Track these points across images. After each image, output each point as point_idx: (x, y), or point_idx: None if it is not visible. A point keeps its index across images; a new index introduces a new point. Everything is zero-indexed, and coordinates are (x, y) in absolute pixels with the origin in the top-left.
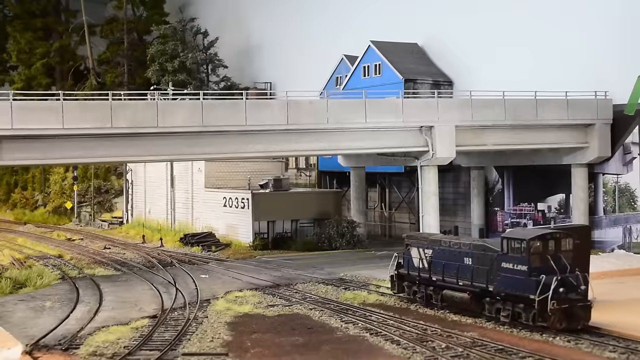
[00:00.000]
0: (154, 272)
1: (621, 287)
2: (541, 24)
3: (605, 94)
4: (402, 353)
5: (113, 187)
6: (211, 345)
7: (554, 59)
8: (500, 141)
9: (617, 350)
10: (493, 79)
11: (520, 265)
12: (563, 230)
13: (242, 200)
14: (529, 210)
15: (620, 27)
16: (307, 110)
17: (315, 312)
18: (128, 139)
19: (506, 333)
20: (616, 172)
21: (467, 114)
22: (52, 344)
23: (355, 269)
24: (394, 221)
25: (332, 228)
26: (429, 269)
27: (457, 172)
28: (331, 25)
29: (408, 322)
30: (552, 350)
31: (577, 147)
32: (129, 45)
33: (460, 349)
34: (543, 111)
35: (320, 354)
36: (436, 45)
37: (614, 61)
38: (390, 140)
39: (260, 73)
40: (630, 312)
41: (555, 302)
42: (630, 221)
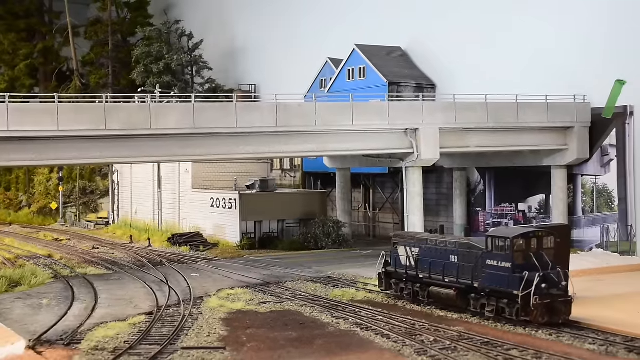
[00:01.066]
0: (145, 271)
1: (599, 285)
2: (523, 30)
3: (583, 98)
4: (393, 346)
5: (98, 188)
6: (208, 340)
7: (535, 64)
8: (482, 143)
9: (596, 343)
10: (475, 82)
11: (504, 263)
12: (545, 229)
13: (230, 201)
14: (510, 211)
15: (598, 33)
16: (296, 113)
17: (306, 308)
18: (122, 141)
19: (491, 327)
20: (594, 174)
21: (450, 117)
22: (54, 339)
23: (342, 267)
24: (378, 221)
25: (318, 228)
26: (415, 266)
27: (439, 174)
28: (315, 28)
29: (396, 318)
30: (535, 343)
31: (557, 149)
32: (113, 46)
33: (448, 342)
34: (524, 114)
35: (314, 348)
36: (419, 49)
37: (592, 66)
38: (377, 142)
39: (244, 75)
40: (608, 307)
41: (538, 298)
42: (607, 221)
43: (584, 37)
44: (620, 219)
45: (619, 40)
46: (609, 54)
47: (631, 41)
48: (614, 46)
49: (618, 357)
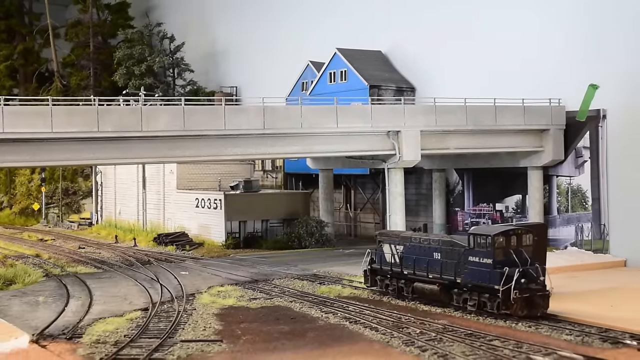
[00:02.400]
0: (134, 269)
1: (574, 281)
2: (500, 35)
3: (558, 102)
4: (381, 338)
5: (80, 189)
6: (205, 334)
7: (512, 69)
8: (462, 145)
9: (572, 334)
10: (453, 85)
11: (485, 259)
12: (523, 227)
13: (215, 201)
14: (488, 210)
15: (573, 40)
16: (282, 116)
17: (296, 304)
18: (114, 142)
19: (473, 320)
20: (569, 174)
21: (431, 120)
22: (56, 334)
23: (327, 265)
24: (359, 221)
25: (301, 228)
26: (400, 263)
27: (419, 175)
28: (296, 31)
29: (383, 312)
30: (516, 334)
31: (533, 151)
32: (94, 48)
33: (433, 334)
34: (502, 117)
35: (307, 340)
36: (398, 53)
37: (567, 71)
38: (360, 144)
39: (226, 77)
40: (582, 302)
41: (518, 292)
42: (581, 220)
43: (559, 44)
44: (593, 218)
45: (593, 47)
46: (583, 59)
47: (604, 47)
48: (587, 52)
49: (593, 347)
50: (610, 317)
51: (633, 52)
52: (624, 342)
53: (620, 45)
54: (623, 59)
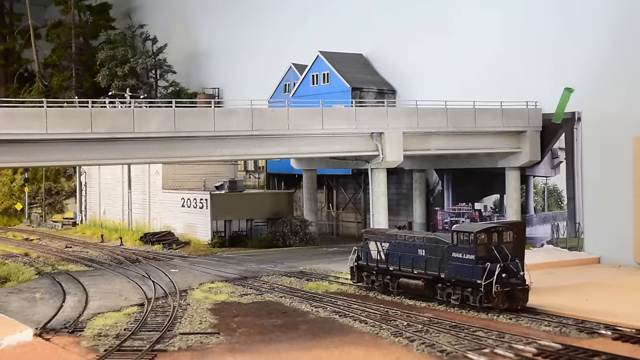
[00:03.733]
0: (124, 267)
1: (551, 277)
2: (479, 40)
3: (535, 104)
4: (371, 330)
5: (63, 189)
6: (201, 327)
7: (490, 72)
8: (442, 146)
9: (551, 325)
10: (433, 88)
11: (468, 255)
12: (504, 225)
13: (201, 201)
14: (467, 210)
15: (549, 45)
16: (270, 118)
17: (286, 299)
18: (107, 144)
19: (456, 314)
20: (545, 175)
21: (413, 122)
22: (59, 328)
23: (312, 263)
24: (341, 220)
25: (286, 226)
26: (386, 260)
27: (400, 175)
28: (278, 34)
29: (371, 306)
30: (497, 326)
31: (511, 152)
32: (76, 49)
33: (420, 325)
34: (481, 119)
35: (300, 332)
36: (379, 56)
37: (543, 75)
38: (345, 145)
39: (208, 78)
40: (559, 296)
41: (499, 286)
42: (557, 219)
43: (536, 48)
44: (569, 217)
45: (568, 51)
46: (558, 64)
47: (579, 52)
48: (563, 57)
49: (570, 337)
50: (586, 309)
51: (606, 56)
52: (599, 332)
53: (594, 50)
54: (597, 63)
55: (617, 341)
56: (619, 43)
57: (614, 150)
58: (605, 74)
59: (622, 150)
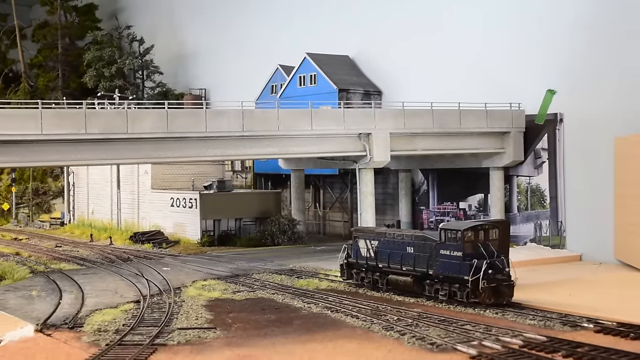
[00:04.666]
0: (116, 266)
1: (534, 274)
2: (463, 42)
3: (519, 106)
4: (362, 324)
5: (50, 189)
6: (198, 322)
7: (475, 74)
8: (428, 147)
9: (535, 319)
10: (418, 89)
11: (456, 252)
12: (490, 223)
13: (190, 200)
14: (452, 209)
15: (533, 48)
16: (260, 119)
17: (278, 296)
18: (101, 144)
19: (444, 309)
20: (528, 174)
21: (400, 123)
22: (59, 324)
23: (301, 261)
24: (327, 219)
25: (274, 226)
26: (375, 257)
27: (385, 175)
28: (265, 35)
29: (361, 302)
30: (484, 320)
31: (495, 152)
32: (62, 50)
33: (410, 320)
34: (466, 120)
35: (294, 327)
36: (366, 58)
37: (526, 77)
38: (333, 145)
39: (194, 79)
40: (543, 292)
41: (485, 282)
42: (540, 218)
43: (520, 51)
44: (551, 215)
45: (551, 54)
46: (541, 66)
47: (561, 55)
48: (546, 59)
49: (554, 330)
50: (569, 304)
51: (587, 59)
52: (582, 325)
53: (575, 53)
54: (578, 66)
55: (599, 334)
56: (597, 46)
57: (595, 150)
58: (586, 76)
59: (603, 150)
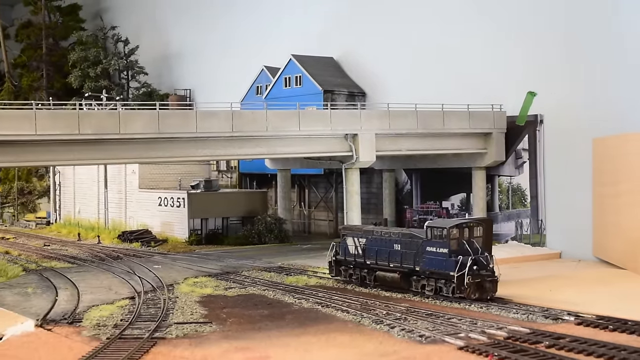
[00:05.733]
0: (107, 264)
1: (516, 271)
2: (446, 45)
3: (500, 107)
4: (353, 318)
5: (36, 189)
6: (193, 317)
7: (458, 76)
8: (412, 147)
9: (519, 313)
10: (402, 91)
11: (442, 249)
12: (475, 221)
13: (178, 200)
14: (435, 208)
15: (514, 51)
16: (249, 120)
17: (269, 292)
18: (93, 144)
19: (431, 304)
20: (510, 174)
21: (385, 124)
22: (58, 319)
23: (289, 259)
24: (312, 219)
25: (261, 224)
26: (363, 254)
27: (370, 174)
28: (249, 36)
29: (350, 297)
30: (470, 314)
31: (477, 153)
32: (46, 50)
33: (398, 314)
34: (449, 121)
35: (287, 321)
36: (349, 60)
37: (508, 79)
38: (320, 145)
39: (179, 80)
40: (524, 287)
41: (470, 277)
42: (521, 216)
43: (501, 54)
44: (532, 214)
45: (531, 57)
46: (522, 69)
47: (541, 58)
48: (527, 62)
49: (537, 322)
50: (550, 299)
51: (567, 62)
52: (563, 319)
53: (555, 55)
54: (558, 69)
55: (579, 326)
56: (577, 49)
57: (574, 151)
58: (566, 78)
59: (582, 151)
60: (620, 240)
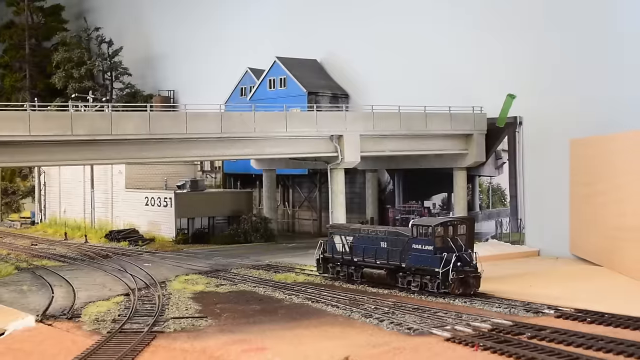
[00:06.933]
0: (98, 262)
1: (496, 268)
2: (428, 47)
3: (480, 109)
4: (343, 312)
5: (19, 189)
6: (189, 312)
7: (439, 79)
8: (396, 148)
9: (501, 307)
10: (384, 93)
11: (427, 246)
12: (458, 219)
13: (165, 200)
14: (417, 207)
15: (494, 55)
16: (237, 121)
17: (259, 288)
18: (86, 145)
19: (417, 299)
20: (490, 175)
21: (369, 125)
22: (58, 315)
23: (276, 257)
24: (296, 218)
25: (247, 224)
26: (350, 252)
27: (353, 175)
28: (233, 39)
29: (339, 293)
30: (454, 308)
31: (458, 154)
32: (29, 50)
33: (386, 308)
34: (431, 123)
35: (279, 315)
36: (332, 62)
37: (488, 82)
38: (306, 146)
39: (163, 81)
40: (505, 283)
41: (455, 273)
42: (501, 215)
43: (482, 57)
44: (511, 213)
45: (511, 61)
46: (502, 72)
47: (520, 62)
48: (507, 66)
49: (519, 316)
50: (530, 294)
51: (545, 65)
52: (543, 312)
53: (534, 59)
54: (537, 72)
55: (559, 319)
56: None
57: (552, 152)
58: (544, 81)
59: (559, 151)
60: (596, 238)
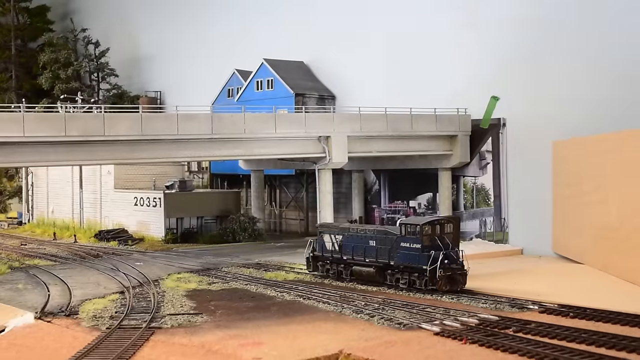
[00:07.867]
0: (89, 262)
1: (481, 266)
2: (412, 49)
3: (465, 111)
4: (334, 309)
5: (6, 189)
6: (184, 309)
7: (425, 80)
8: (383, 148)
9: (487, 302)
10: (370, 94)
11: (415, 244)
12: (445, 218)
13: (154, 200)
14: (402, 207)
15: (479, 57)
16: (228, 122)
17: (251, 286)
18: (79, 146)
19: (405, 296)
20: (474, 175)
21: (356, 126)
22: (56, 312)
23: (265, 256)
24: (283, 218)
25: (235, 223)
26: (340, 250)
27: (339, 175)
28: (220, 40)
29: (329, 290)
30: (442, 304)
31: (443, 154)
32: (15, 51)
33: (376, 305)
34: (417, 124)
35: (272, 312)
36: (319, 64)
37: (472, 84)
38: (295, 147)
39: (149, 82)
40: (490, 281)
41: (442, 271)
42: (485, 215)
43: (467, 60)
44: (495, 213)
45: (494, 63)
46: (486, 74)
47: (504, 64)
48: (490, 68)
49: (504, 311)
50: (515, 290)
51: (528, 67)
52: (528, 307)
53: (517, 61)
54: (520, 74)
55: (543, 314)
56: (537, 54)
57: (535, 152)
58: (527, 83)
59: (542, 152)
60: (579, 237)
